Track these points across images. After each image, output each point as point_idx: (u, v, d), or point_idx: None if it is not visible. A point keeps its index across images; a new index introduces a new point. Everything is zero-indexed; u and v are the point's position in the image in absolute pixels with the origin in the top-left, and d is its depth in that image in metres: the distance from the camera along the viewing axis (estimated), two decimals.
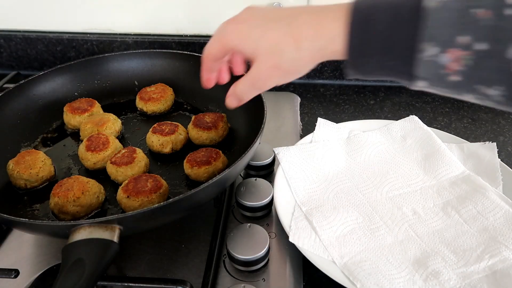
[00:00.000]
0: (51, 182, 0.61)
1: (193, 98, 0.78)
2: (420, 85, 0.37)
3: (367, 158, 0.68)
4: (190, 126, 0.67)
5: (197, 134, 0.65)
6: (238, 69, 0.53)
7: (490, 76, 0.33)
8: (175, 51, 0.79)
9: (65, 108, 0.71)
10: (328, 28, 0.39)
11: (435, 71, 0.34)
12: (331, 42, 0.39)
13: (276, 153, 0.66)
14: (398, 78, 0.38)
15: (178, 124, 0.67)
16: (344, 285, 0.48)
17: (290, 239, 0.53)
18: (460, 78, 0.34)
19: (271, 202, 0.59)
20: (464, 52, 0.32)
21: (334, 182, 0.64)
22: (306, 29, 0.39)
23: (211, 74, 0.51)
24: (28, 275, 0.52)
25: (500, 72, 0.32)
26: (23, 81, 0.70)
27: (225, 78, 0.54)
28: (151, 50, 0.81)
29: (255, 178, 0.62)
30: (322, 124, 0.72)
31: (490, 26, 0.31)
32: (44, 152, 0.63)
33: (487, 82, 0.33)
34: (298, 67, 0.42)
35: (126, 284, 0.48)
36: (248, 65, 0.47)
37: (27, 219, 0.47)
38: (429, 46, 0.33)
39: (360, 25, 0.37)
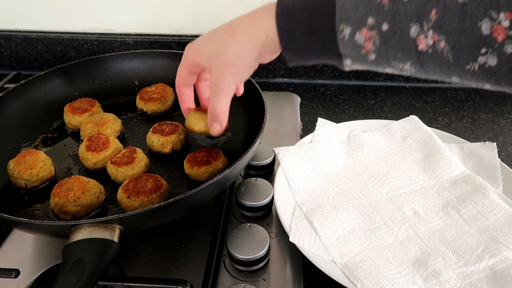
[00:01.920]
0: (51, 182, 0.61)
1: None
2: (348, 63, 0.41)
3: (367, 158, 0.68)
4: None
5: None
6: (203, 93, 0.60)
7: (397, 54, 0.38)
8: (175, 51, 0.79)
9: (65, 108, 0.72)
10: (259, 20, 0.45)
11: (356, 51, 0.39)
12: (262, 30, 0.44)
13: (276, 153, 0.66)
14: (329, 58, 0.42)
15: (178, 124, 0.67)
16: (345, 285, 0.48)
17: (291, 239, 0.53)
18: (375, 56, 0.39)
19: (271, 202, 0.59)
20: (372, 32, 0.37)
21: (334, 182, 0.64)
22: (241, 25, 0.46)
23: (188, 103, 0.58)
24: (29, 275, 0.52)
25: (404, 50, 0.37)
26: (23, 81, 0.70)
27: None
28: (151, 50, 0.81)
29: (255, 178, 0.62)
30: (322, 124, 0.73)
31: (389, 9, 0.36)
32: (45, 152, 0.63)
33: (397, 59, 0.38)
34: (242, 57, 0.47)
35: (126, 284, 0.48)
36: None
37: (27, 219, 0.47)
38: (344, 26, 0.38)
39: (285, 15, 0.42)
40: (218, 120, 0.52)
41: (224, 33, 0.47)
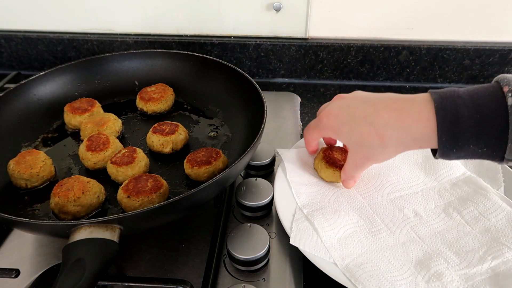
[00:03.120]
0: (51, 182, 0.61)
1: (193, 98, 0.78)
2: (510, 164, 0.42)
3: None
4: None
5: None
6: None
7: None
8: (175, 51, 0.79)
9: (65, 108, 0.71)
10: (413, 129, 0.44)
11: None
12: (416, 141, 0.45)
13: (280, 153, 0.66)
14: (487, 158, 0.42)
15: (178, 124, 0.67)
16: (347, 286, 0.48)
17: (291, 242, 0.53)
18: None
19: (271, 202, 0.59)
20: None
21: (334, 185, 0.64)
22: (390, 131, 0.46)
23: (314, 147, 0.63)
24: (29, 275, 0.52)
25: None
26: (23, 81, 0.70)
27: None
28: (151, 50, 0.81)
29: (255, 178, 0.62)
30: None
31: None
32: (45, 152, 0.62)
33: None
34: (385, 157, 0.50)
35: (126, 284, 0.48)
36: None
37: (27, 219, 0.47)
38: None
39: (448, 123, 0.41)
40: (353, 179, 0.59)
41: (367, 130, 0.47)
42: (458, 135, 0.41)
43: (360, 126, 0.48)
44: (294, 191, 0.61)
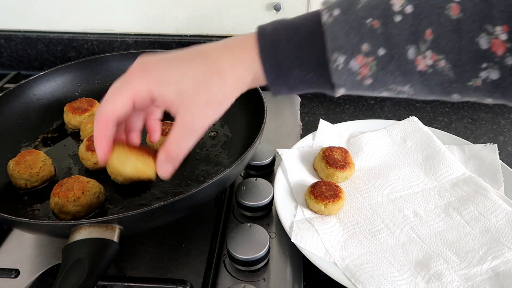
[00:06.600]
0: (51, 182, 0.61)
1: None
2: (341, 92, 0.39)
3: (368, 161, 0.68)
4: None
5: None
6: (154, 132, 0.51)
7: (396, 78, 0.36)
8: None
9: (65, 108, 0.71)
10: (242, 58, 0.40)
11: (351, 78, 0.37)
12: (248, 70, 0.40)
13: (280, 153, 0.66)
14: (320, 88, 0.40)
15: None
16: (347, 286, 0.48)
17: (293, 239, 0.53)
18: (372, 81, 0.37)
19: (271, 202, 0.59)
20: (368, 58, 0.35)
21: None
22: (223, 63, 0.40)
23: (111, 142, 0.42)
24: (29, 275, 0.52)
25: (404, 73, 0.35)
26: (23, 81, 0.70)
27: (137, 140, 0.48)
28: (151, 50, 0.81)
29: (255, 178, 0.62)
30: (323, 126, 0.72)
31: (382, 33, 0.34)
32: (45, 152, 0.62)
33: (396, 82, 0.36)
34: (227, 96, 0.40)
35: (126, 284, 0.48)
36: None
37: (27, 219, 0.47)
38: (337, 56, 0.36)
39: (269, 49, 0.39)
40: (175, 161, 0.42)
41: (202, 70, 0.39)
42: (280, 59, 0.38)
43: (191, 68, 0.39)
44: (294, 192, 0.61)
